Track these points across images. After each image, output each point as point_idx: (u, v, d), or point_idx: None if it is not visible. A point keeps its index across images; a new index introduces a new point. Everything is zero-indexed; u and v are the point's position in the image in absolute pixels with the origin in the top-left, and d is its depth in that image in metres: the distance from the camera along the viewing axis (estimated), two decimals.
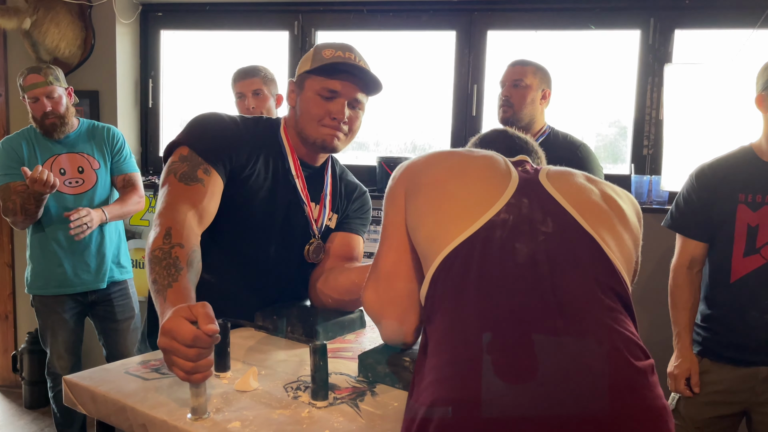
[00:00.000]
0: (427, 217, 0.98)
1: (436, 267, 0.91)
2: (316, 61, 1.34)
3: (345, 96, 1.34)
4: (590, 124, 3.02)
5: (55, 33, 3.08)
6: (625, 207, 1.02)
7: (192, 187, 1.24)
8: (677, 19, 2.78)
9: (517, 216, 0.92)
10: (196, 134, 1.31)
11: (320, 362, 1.01)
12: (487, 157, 1.05)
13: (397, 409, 1.00)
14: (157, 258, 1.08)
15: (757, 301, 1.69)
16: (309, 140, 1.37)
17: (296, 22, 3.16)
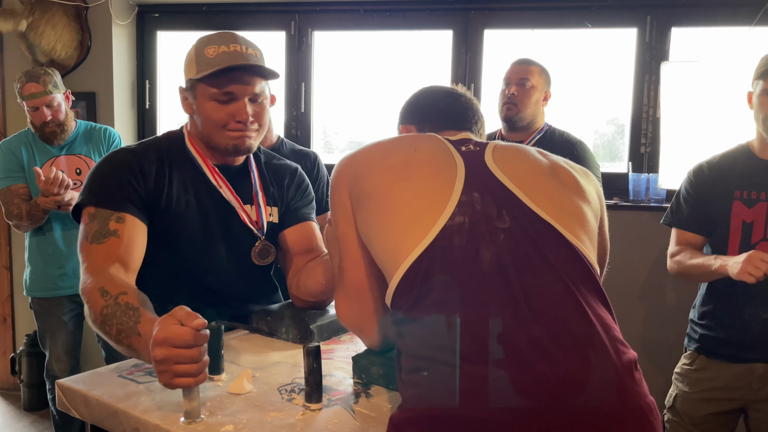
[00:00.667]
0: (378, 229, 0.93)
1: (397, 282, 0.88)
2: (201, 65, 1.25)
3: (243, 95, 1.26)
4: (588, 122, 3.01)
5: (52, 35, 3.07)
6: (580, 179, 1.00)
7: (105, 243, 1.17)
8: (674, 17, 2.77)
9: (471, 216, 0.88)
10: (95, 188, 1.25)
11: (314, 364, 1.00)
12: (429, 148, 1.00)
13: (391, 411, 1.00)
14: (109, 314, 1.04)
15: (752, 298, 1.70)
16: (219, 148, 1.31)
17: (293, 23, 3.16)
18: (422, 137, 1.06)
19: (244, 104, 1.26)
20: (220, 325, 1.11)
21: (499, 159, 0.98)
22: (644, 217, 2.64)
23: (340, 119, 3.31)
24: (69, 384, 1.09)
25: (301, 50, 3.17)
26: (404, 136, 1.10)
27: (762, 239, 1.69)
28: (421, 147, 1.01)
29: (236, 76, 1.24)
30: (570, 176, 0.99)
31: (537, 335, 0.78)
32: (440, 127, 1.13)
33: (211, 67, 1.23)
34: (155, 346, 0.88)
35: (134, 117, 3.36)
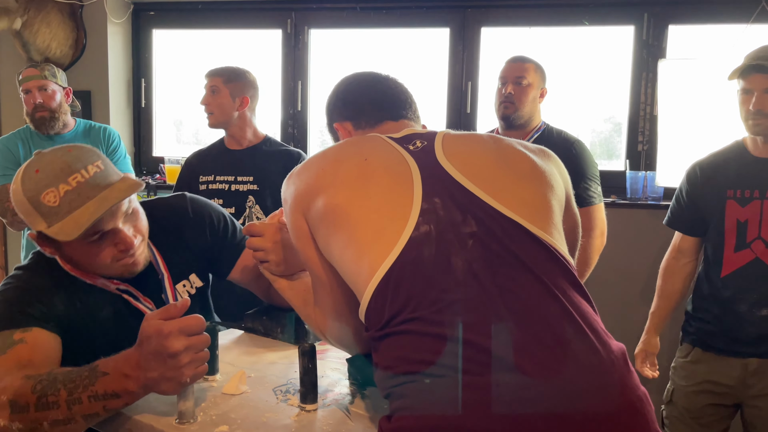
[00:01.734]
0: (342, 251, 0.89)
1: (368, 299, 0.84)
2: (48, 215, 1.02)
3: (115, 224, 1.07)
4: (585, 121, 3.01)
5: (47, 33, 3.06)
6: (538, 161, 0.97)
7: (10, 352, 1.00)
8: (671, 15, 2.77)
9: (437, 224, 0.85)
10: None
11: (309, 365, 1.00)
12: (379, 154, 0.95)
13: (386, 412, 0.99)
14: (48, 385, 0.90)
15: (747, 295, 1.71)
16: (111, 276, 1.15)
17: (289, 20, 3.15)
18: (368, 142, 1.00)
19: (120, 233, 1.08)
20: (215, 325, 1.11)
21: (452, 155, 0.94)
22: (641, 215, 2.63)
23: None
24: None
25: (297, 48, 3.16)
26: (349, 142, 1.03)
27: (757, 237, 1.69)
28: (370, 155, 0.96)
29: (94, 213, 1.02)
30: (527, 161, 0.96)
31: (520, 339, 0.76)
32: (377, 119, 1.09)
33: (61, 217, 1.02)
34: (170, 340, 0.86)
35: (130, 115, 3.35)
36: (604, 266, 2.14)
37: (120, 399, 0.91)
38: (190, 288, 1.29)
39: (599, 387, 0.75)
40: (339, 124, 1.13)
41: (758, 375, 1.72)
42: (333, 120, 1.15)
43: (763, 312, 1.69)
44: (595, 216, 2.08)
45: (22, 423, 0.91)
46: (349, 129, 1.12)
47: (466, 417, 0.73)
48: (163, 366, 0.88)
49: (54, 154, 1.06)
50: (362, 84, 1.14)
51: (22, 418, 0.91)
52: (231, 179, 2.25)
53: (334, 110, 1.15)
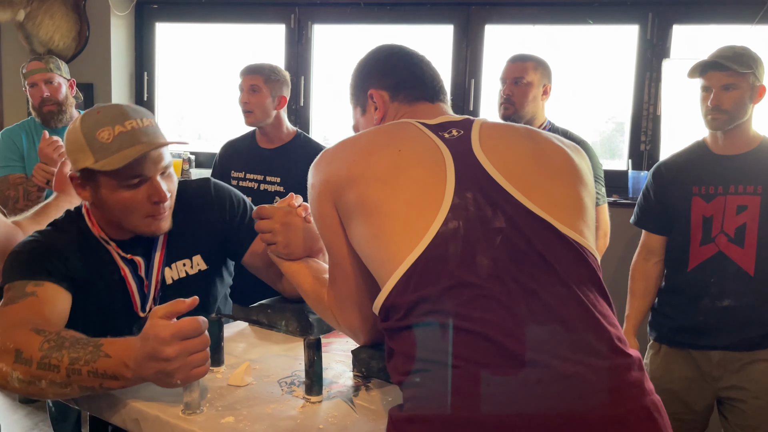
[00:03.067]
0: (370, 241, 0.89)
1: (389, 290, 0.84)
2: (98, 151, 1.10)
3: (154, 173, 1.14)
4: (588, 120, 3.01)
5: (50, 25, 3.06)
6: (574, 158, 0.96)
7: (22, 303, 1.05)
8: (675, 15, 2.77)
9: (466, 220, 0.84)
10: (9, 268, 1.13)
11: (314, 357, 1.00)
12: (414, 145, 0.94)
13: (391, 404, 0.99)
14: (53, 347, 0.94)
15: (709, 287, 1.76)
16: (135, 231, 1.20)
17: (293, 15, 3.14)
18: (401, 130, 0.98)
19: (157, 183, 1.15)
20: (220, 318, 1.11)
21: (488, 148, 0.92)
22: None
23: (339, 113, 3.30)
24: None
25: (300, 43, 3.15)
26: (383, 130, 1.02)
27: (720, 232, 1.75)
28: (404, 146, 0.94)
29: (143, 156, 1.11)
30: (562, 156, 0.95)
31: (538, 338, 0.76)
32: (415, 97, 1.08)
33: (111, 153, 1.09)
34: (164, 345, 0.87)
35: None
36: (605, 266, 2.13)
37: (117, 381, 0.94)
38: (190, 268, 1.29)
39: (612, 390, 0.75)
40: (376, 91, 1.10)
41: (723, 367, 1.77)
42: (369, 86, 1.11)
43: (724, 303, 1.75)
44: (599, 217, 2.09)
45: (22, 374, 0.94)
46: (385, 99, 1.10)
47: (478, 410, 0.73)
48: (157, 367, 0.90)
49: (116, 104, 1.17)
50: (405, 57, 1.12)
51: (23, 369, 0.94)
52: (260, 178, 2.31)
53: (372, 76, 1.11)
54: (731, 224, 1.74)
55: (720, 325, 1.75)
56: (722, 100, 1.72)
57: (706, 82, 1.75)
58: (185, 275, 1.29)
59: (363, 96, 1.13)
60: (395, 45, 1.16)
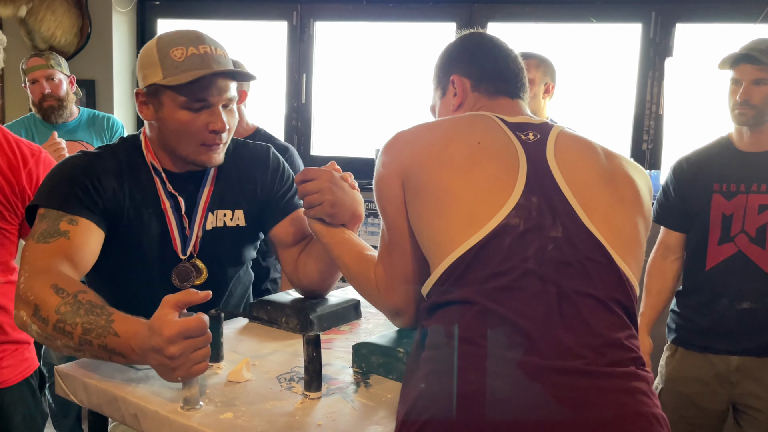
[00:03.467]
0: (431, 222, 0.93)
1: (440, 273, 0.88)
2: (168, 68, 1.13)
3: (218, 102, 1.16)
4: (590, 118, 3.00)
5: (52, 21, 3.06)
6: (639, 184, 0.98)
7: (53, 243, 1.07)
8: (678, 13, 2.76)
9: (527, 221, 0.88)
10: (48, 189, 1.15)
11: (314, 353, 1.00)
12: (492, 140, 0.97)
13: (390, 401, 0.99)
14: (70, 312, 0.96)
15: (728, 288, 1.72)
16: (187, 159, 1.21)
17: (295, 13, 3.14)
18: (481, 123, 1.00)
19: (219, 112, 1.17)
20: (220, 313, 1.11)
21: (562, 160, 0.95)
22: None
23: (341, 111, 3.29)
24: (68, 370, 1.08)
25: (302, 41, 3.15)
26: (464, 120, 1.03)
27: (740, 231, 1.72)
28: (483, 139, 0.97)
29: (210, 81, 1.14)
30: (631, 186, 0.97)
31: (562, 340, 0.79)
32: (496, 91, 1.09)
33: (181, 71, 1.12)
34: (169, 344, 0.87)
35: (133, 105, 3.33)
36: None
37: (124, 359, 0.96)
38: (230, 220, 1.30)
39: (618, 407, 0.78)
40: (459, 77, 1.11)
41: (741, 372, 1.73)
42: (453, 70, 1.12)
43: (743, 305, 1.70)
44: None
45: (39, 329, 0.99)
46: (466, 87, 1.11)
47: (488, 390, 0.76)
48: (159, 360, 0.90)
49: (194, 30, 1.19)
50: (495, 49, 1.12)
51: (40, 326, 0.98)
52: None
53: (458, 62, 1.12)
54: (752, 224, 1.69)
55: (739, 328, 1.71)
56: (752, 94, 1.66)
57: (737, 75, 1.69)
58: (223, 225, 1.30)
59: (445, 79, 1.14)
60: (487, 35, 1.17)
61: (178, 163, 1.25)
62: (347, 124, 3.29)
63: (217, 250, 1.30)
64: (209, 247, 1.28)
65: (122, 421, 1.00)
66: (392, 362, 1.07)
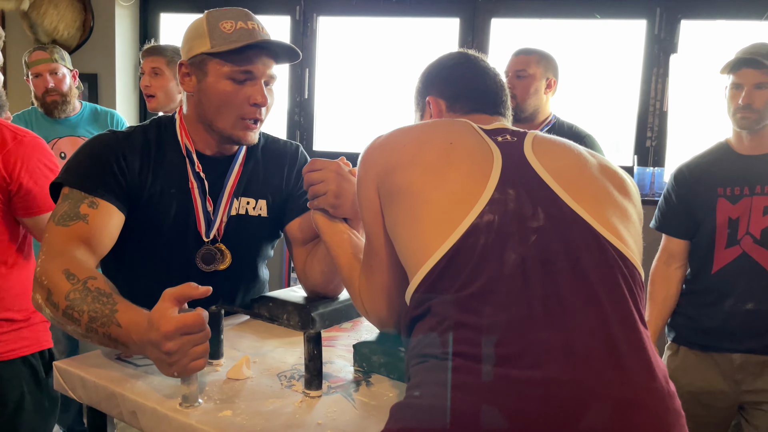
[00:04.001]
0: (405, 228, 0.89)
1: (417, 283, 0.84)
2: (216, 38, 1.16)
3: (261, 75, 1.19)
4: (593, 114, 2.99)
5: (54, 14, 3.05)
6: (625, 178, 0.95)
7: (71, 226, 1.09)
8: (683, 10, 2.74)
9: (502, 215, 0.83)
10: (73, 168, 1.17)
11: (314, 351, 0.99)
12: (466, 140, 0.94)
13: (391, 400, 0.99)
14: (78, 300, 0.98)
15: (734, 289, 1.73)
16: (223, 134, 1.22)
17: (298, 7, 3.13)
18: (456, 126, 0.99)
19: (261, 86, 1.19)
20: (220, 309, 1.10)
21: (541, 152, 0.92)
22: (649, 211, 2.59)
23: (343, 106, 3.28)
24: (66, 366, 1.08)
25: (305, 35, 3.14)
26: (437, 123, 1.03)
27: (746, 233, 1.72)
28: (457, 140, 0.94)
29: (255, 55, 1.17)
30: (618, 179, 0.94)
31: (548, 341, 0.74)
32: (473, 109, 1.08)
33: (230, 42, 1.15)
34: (166, 340, 0.87)
35: (136, 99, 3.34)
36: None
37: (127, 348, 0.97)
38: (252, 209, 1.31)
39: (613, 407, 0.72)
40: (434, 98, 1.11)
41: (745, 370, 1.73)
42: (428, 92, 1.13)
43: (748, 306, 1.71)
44: None
45: (51, 313, 1.02)
46: (441, 108, 1.11)
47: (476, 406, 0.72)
48: (156, 354, 0.90)
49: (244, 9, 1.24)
50: (470, 69, 1.11)
51: (52, 310, 1.01)
52: None
53: (434, 84, 1.12)
54: (757, 226, 1.69)
55: (743, 328, 1.71)
56: (754, 98, 1.66)
57: (738, 79, 1.69)
58: (245, 213, 1.31)
59: (422, 101, 1.15)
60: (465, 54, 1.16)
61: (210, 142, 1.26)
62: (350, 120, 3.28)
63: (240, 237, 1.31)
64: (232, 232, 1.29)
65: (120, 417, 1.00)
66: (394, 362, 1.06)
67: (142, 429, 0.96)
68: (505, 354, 0.74)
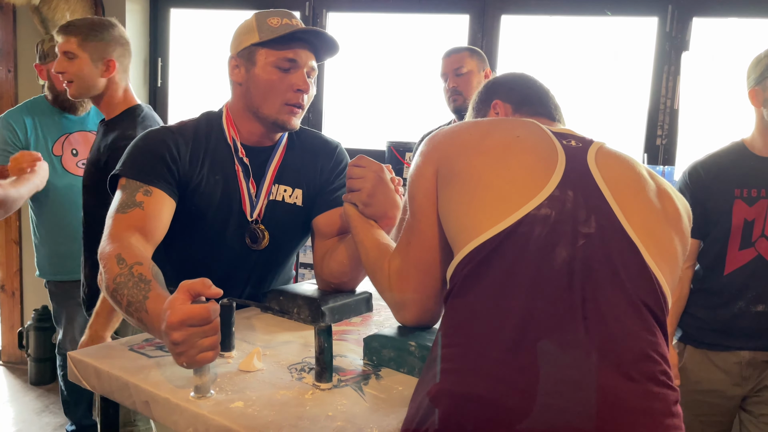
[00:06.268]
0: (460, 206, 0.92)
1: (463, 256, 0.87)
2: (264, 32, 1.28)
3: (304, 64, 1.29)
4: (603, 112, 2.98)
5: (65, 9, 3.06)
6: (680, 207, 0.97)
7: (129, 213, 1.18)
8: (696, 7, 2.72)
9: (559, 213, 0.86)
10: (129, 160, 1.26)
11: (325, 344, 1.00)
12: (533, 136, 0.97)
13: (401, 393, 0.99)
14: (122, 284, 1.03)
15: (745, 291, 1.72)
16: (269, 119, 1.31)
17: (307, 3, 3.13)
18: (524, 123, 1.02)
19: (303, 74, 1.29)
20: (232, 303, 1.11)
21: (603, 164, 0.95)
22: None
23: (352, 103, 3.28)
24: (81, 356, 1.09)
25: None
26: (505, 119, 1.06)
27: (761, 235, 1.71)
28: (524, 134, 0.97)
29: (299, 45, 1.29)
30: (672, 204, 0.96)
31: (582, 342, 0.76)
32: (537, 113, 1.14)
33: (277, 33, 1.27)
34: (171, 330, 0.88)
35: (146, 95, 3.35)
36: None
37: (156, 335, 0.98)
38: (288, 196, 1.39)
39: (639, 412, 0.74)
40: (501, 102, 1.19)
41: (753, 366, 1.74)
42: (495, 96, 1.20)
43: (758, 308, 1.71)
44: None
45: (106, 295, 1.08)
46: (508, 111, 1.18)
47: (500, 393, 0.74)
48: (167, 345, 0.91)
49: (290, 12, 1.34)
50: (531, 81, 1.21)
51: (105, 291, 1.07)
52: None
53: (500, 89, 1.20)
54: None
55: (752, 328, 1.72)
56: None
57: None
58: (282, 199, 1.38)
59: (486, 107, 1.21)
60: (524, 73, 1.24)
61: (254, 132, 1.35)
62: (359, 116, 3.28)
63: (276, 220, 1.38)
64: (270, 214, 1.38)
65: (133, 407, 1.00)
66: (404, 356, 1.07)
67: (154, 419, 0.97)
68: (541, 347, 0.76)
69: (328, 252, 1.38)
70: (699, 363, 1.80)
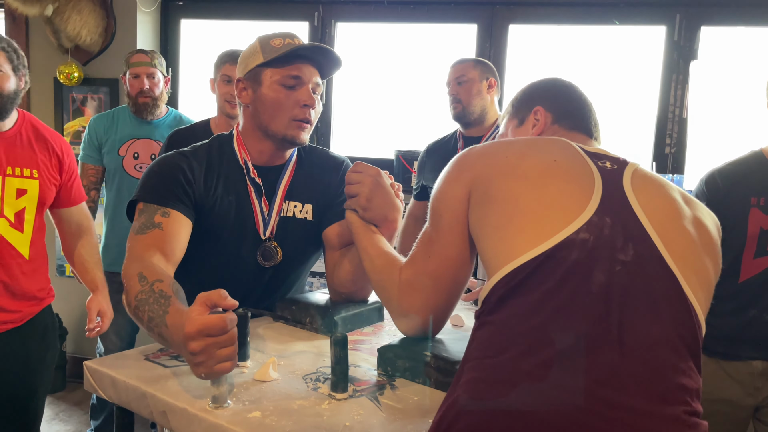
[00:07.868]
0: (496, 229, 0.91)
1: (500, 277, 0.86)
2: (268, 53, 1.31)
3: (308, 80, 1.32)
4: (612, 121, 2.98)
5: (77, 20, 3.09)
6: (712, 231, 0.97)
7: (149, 234, 1.21)
8: (704, 16, 2.73)
9: (597, 238, 0.85)
10: (146, 186, 1.29)
11: (341, 354, 1.00)
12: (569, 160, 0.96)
13: (417, 403, 0.99)
14: (143, 300, 1.05)
15: (759, 300, 1.71)
16: (278, 136, 1.33)
17: (316, 13, 3.15)
18: (559, 144, 1.01)
19: (308, 90, 1.32)
20: (247, 312, 1.12)
21: (639, 189, 0.94)
22: None
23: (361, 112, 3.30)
24: (97, 366, 1.10)
25: (324, 41, 3.16)
26: (539, 140, 1.05)
27: None
28: (561, 158, 0.97)
29: (302, 62, 1.32)
30: (707, 232, 0.96)
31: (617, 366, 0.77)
32: (575, 127, 1.13)
33: (280, 52, 1.30)
34: (189, 340, 0.88)
35: None
36: None
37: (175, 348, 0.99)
38: (299, 212, 1.42)
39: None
40: (542, 108, 1.17)
41: (765, 376, 1.72)
42: (537, 103, 1.18)
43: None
44: None
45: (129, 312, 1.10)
46: (547, 120, 1.16)
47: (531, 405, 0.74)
48: (185, 356, 0.92)
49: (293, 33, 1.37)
50: (576, 93, 1.19)
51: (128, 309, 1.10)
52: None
53: (544, 96, 1.18)
54: None
55: (763, 337, 1.70)
56: None
57: None
58: (293, 215, 1.41)
59: (526, 110, 1.19)
60: (569, 81, 1.22)
61: (264, 152, 1.38)
62: (367, 125, 3.30)
63: (289, 236, 1.40)
64: (282, 230, 1.40)
65: (150, 417, 1.01)
66: (418, 366, 1.07)
67: (172, 429, 0.98)
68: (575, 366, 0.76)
69: (341, 261, 1.39)
70: (711, 372, 1.79)
